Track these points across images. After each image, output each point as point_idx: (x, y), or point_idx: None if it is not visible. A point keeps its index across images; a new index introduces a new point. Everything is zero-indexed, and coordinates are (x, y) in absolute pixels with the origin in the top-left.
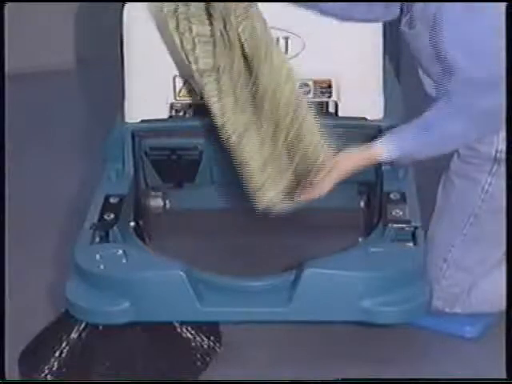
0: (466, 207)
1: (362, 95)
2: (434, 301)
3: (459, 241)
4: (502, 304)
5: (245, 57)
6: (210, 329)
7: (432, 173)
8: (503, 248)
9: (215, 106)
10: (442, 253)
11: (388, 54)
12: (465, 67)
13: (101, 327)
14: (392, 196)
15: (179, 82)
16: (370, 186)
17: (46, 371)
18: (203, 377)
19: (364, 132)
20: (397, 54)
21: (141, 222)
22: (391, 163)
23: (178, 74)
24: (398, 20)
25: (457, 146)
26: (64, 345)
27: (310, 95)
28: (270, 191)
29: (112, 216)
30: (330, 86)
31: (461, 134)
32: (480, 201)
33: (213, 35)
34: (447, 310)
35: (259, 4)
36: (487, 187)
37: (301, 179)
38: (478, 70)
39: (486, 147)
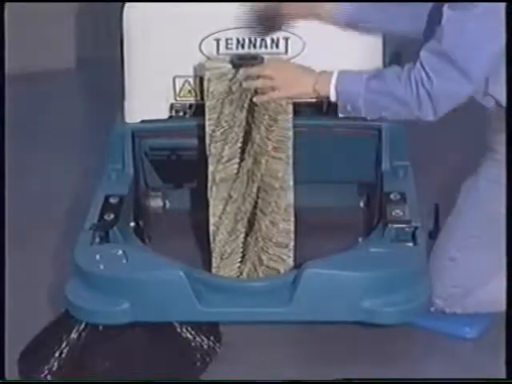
0: (486, 209)
1: None
2: (434, 299)
3: (472, 242)
4: (502, 305)
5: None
6: (210, 329)
7: (433, 174)
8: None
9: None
10: (450, 251)
11: (388, 54)
12: (451, 45)
13: (101, 327)
14: (392, 196)
15: (179, 82)
16: (370, 186)
17: (46, 371)
18: (203, 377)
19: (364, 132)
20: (397, 54)
21: (141, 223)
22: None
23: (177, 74)
24: None
25: (397, 115)
26: (64, 345)
27: None
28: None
29: (112, 216)
30: None
31: (408, 102)
32: (499, 206)
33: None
34: (447, 310)
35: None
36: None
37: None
38: (456, 51)
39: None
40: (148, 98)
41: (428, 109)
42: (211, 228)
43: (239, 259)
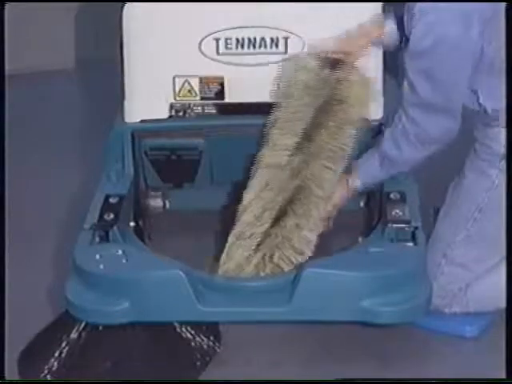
0: (474, 201)
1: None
2: (433, 298)
3: (462, 236)
4: (500, 302)
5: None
6: (210, 329)
7: (433, 172)
8: (503, 248)
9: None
10: (442, 248)
11: (388, 54)
12: (424, 91)
13: (101, 327)
14: (392, 196)
15: (179, 82)
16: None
17: (46, 371)
18: (203, 377)
19: (364, 132)
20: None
21: (140, 222)
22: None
23: (177, 73)
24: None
25: (415, 165)
26: (64, 345)
27: None
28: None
29: (112, 216)
30: None
31: (417, 158)
32: (487, 197)
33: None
34: (446, 310)
35: (259, 4)
36: (497, 181)
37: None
38: (435, 96)
39: (498, 144)
40: (148, 97)
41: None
42: (240, 207)
43: (253, 247)
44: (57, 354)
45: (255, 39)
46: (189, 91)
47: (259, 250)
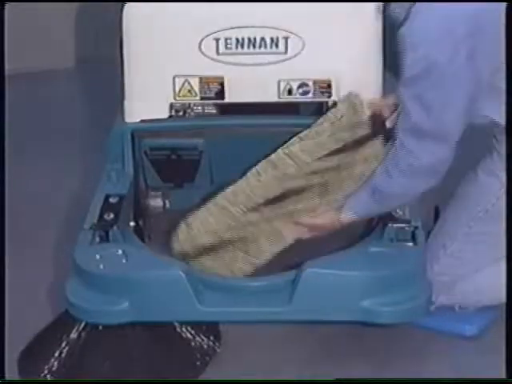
0: (482, 201)
1: (362, 95)
2: None
3: (463, 232)
4: (499, 295)
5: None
6: (210, 329)
7: None
8: (499, 250)
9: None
10: (443, 239)
11: (388, 54)
12: (419, 117)
13: (101, 327)
14: None
15: (179, 82)
16: None
17: (46, 371)
18: (203, 377)
19: None
20: (396, 54)
21: (141, 222)
22: None
23: (177, 73)
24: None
25: (411, 199)
26: (64, 345)
27: (310, 95)
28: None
29: (112, 216)
30: (329, 86)
31: (410, 190)
32: (495, 198)
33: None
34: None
35: (259, 4)
36: (506, 185)
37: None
38: (431, 123)
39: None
40: (148, 97)
41: (423, 180)
42: (228, 189)
43: (227, 222)
44: (57, 354)
45: (255, 39)
46: (189, 91)
47: (228, 227)
